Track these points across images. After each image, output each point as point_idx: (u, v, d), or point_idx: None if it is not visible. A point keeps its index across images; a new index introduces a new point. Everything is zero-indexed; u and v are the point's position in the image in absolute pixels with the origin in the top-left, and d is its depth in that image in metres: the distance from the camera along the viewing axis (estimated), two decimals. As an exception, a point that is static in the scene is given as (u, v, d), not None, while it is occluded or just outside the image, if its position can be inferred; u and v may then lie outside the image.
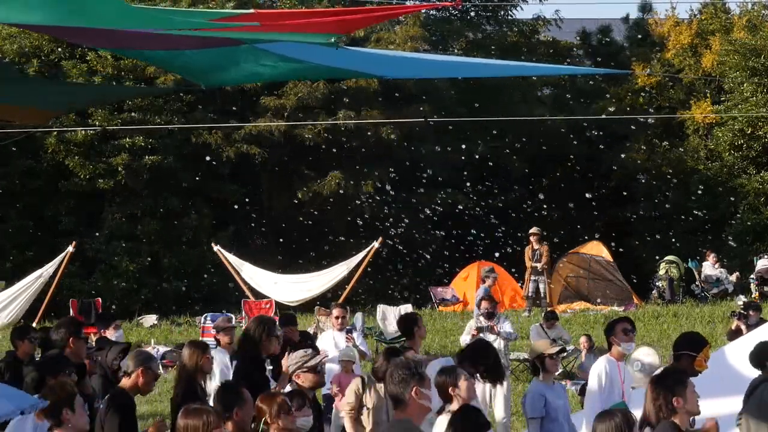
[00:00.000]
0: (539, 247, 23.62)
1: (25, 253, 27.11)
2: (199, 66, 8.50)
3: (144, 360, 8.02)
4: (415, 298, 25.09)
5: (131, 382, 7.93)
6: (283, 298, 22.52)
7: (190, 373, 8.54)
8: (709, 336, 19.38)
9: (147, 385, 7.99)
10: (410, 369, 6.07)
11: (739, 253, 29.36)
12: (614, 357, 9.24)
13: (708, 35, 33.56)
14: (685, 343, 8.05)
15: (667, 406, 6.40)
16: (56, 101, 11.06)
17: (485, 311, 14.35)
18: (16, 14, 6.95)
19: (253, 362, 8.87)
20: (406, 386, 6.00)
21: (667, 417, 6.43)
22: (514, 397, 14.38)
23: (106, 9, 6.72)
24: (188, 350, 8.74)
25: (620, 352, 9.23)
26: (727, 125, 31.20)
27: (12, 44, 27.91)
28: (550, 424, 8.94)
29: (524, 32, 35.26)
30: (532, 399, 8.93)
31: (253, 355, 8.91)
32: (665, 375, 6.66)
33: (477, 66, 11.65)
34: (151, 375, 7.99)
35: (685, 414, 6.43)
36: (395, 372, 6.08)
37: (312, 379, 8.25)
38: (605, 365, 9.13)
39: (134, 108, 27.72)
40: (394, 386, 6.04)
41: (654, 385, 6.54)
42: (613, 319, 9.91)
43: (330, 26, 7.05)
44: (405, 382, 6.01)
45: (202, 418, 6.08)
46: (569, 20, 36.41)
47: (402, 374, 6.04)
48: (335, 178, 28.23)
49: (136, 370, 7.89)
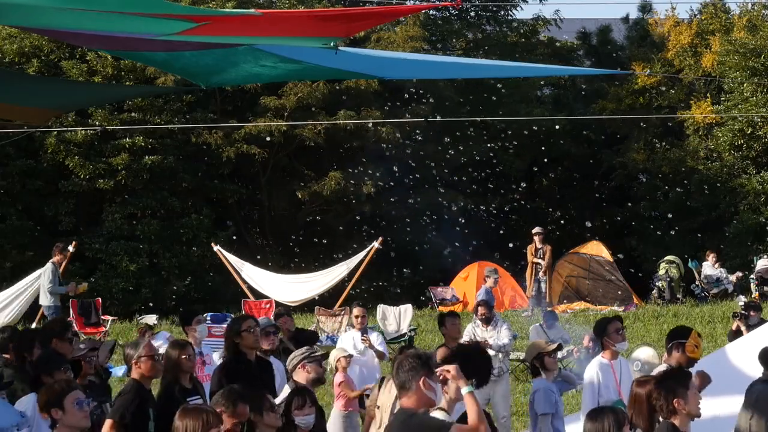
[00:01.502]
0: (542, 246, 23.61)
1: (25, 253, 27.11)
2: (199, 67, 8.50)
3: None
4: (415, 298, 25.07)
5: (137, 371, 8.11)
6: (283, 298, 22.49)
7: (170, 373, 8.58)
8: (709, 336, 19.48)
9: (150, 371, 8.14)
10: (421, 359, 6.09)
11: (739, 253, 29.36)
12: (607, 357, 9.25)
13: (708, 35, 33.55)
14: (672, 336, 8.11)
15: (668, 406, 6.40)
16: (56, 101, 11.06)
17: (482, 317, 13.92)
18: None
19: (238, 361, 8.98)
20: (414, 375, 6.02)
21: (667, 417, 6.44)
22: (513, 397, 14.39)
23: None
24: (169, 349, 8.83)
25: (613, 351, 9.25)
26: (727, 125, 31.19)
27: (12, 44, 27.91)
28: (557, 421, 8.97)
29: (524, 32, 35.26)
30: (545, 394, 8.94)
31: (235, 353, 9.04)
32: (667, 375, 6.66)
33: (477, 67, 11.65)
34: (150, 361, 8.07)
35: (685, 416, 6.43)
36: (405, 360, 6.10)
37: (312, 375, 8.27)
38: (597, 369, 9.15)
39: (134, 108, 27.72)
40: (403, 374, 6.06)
41: (655, 385, 6.55)
42: (603, 319, 9.87)
43: (329, 30, 7.05)
44: (414, 370, 6.02)
45: (200, 418, 6.08)
46: (569, 20, 36.43)
47: (412, 363, 6.05)
48: (335, 178, 28.22)
49: (138, 360, 8.06)
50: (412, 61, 10.20)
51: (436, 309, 24.55)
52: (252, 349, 9.11)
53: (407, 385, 6.03)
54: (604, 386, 9.09)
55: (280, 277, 23.69)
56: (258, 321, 9.69)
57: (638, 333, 20.65)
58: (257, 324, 9.35)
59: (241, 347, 9.02)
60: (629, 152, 32.91)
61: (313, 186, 28.54)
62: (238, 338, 9.02)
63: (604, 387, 9.09)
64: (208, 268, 26.94)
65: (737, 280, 25.88)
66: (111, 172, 27.39)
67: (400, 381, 6.09)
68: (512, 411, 13.96)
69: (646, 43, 35.57)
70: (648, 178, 33.33)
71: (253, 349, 9.12)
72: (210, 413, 6.18)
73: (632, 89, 33.69)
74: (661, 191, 32.31)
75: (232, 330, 9.08)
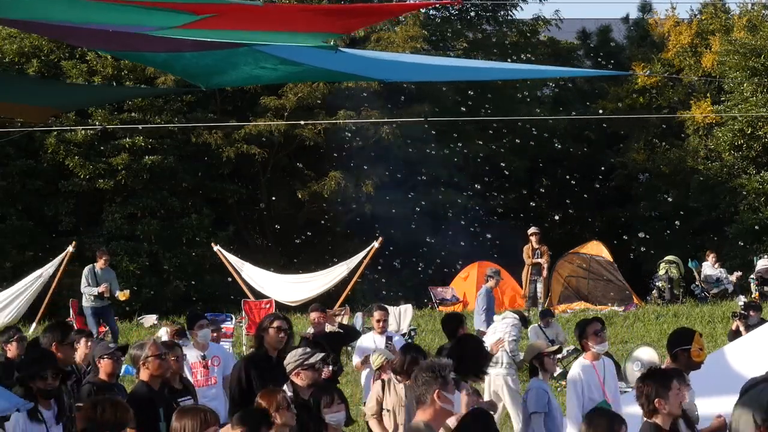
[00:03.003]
0: (539, 246, 23.59)
1: (25, 253, 27.12)
2: (199, 68, 8.49)
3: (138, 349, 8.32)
4: (415, 298, 25.08)
5: (146, 372, 8.17)
6: (283, 298, 22.48)
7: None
8: (709, 336, 19.48)
9: (158, 370, 8.20)
10: (434, 372, 6.12)
11: (739, 253, 29.37)
12: (588, 359, 9.28)
13: (708, 35, 33.57)
14: (675, 341, 8.09)
15: (649, 406, 6.46)
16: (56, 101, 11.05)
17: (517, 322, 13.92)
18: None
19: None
20: (428, 388, 6.07)
21: (648, 417, 6.49)
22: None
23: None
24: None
25: (594, 353, 9.27)
26: (727, 125, 31.21)
27: (12, 44, 27.93)
28: (551, 421, 9.00)
29: (524, 32, 35.26)
30: (537, 394, 9.01)
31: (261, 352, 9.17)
32: (650, 375, 6.69)
33: (478, 70, 11.63)
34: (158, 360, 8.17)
35: (666, 415, 6.47)
36: (420, 374, 6.16)
37: (306, 383, 8.22)
38: (579, 372, 9.18)
39: (134, 108, 27.74)
40: (418, 388, 6.13)
41: (639, 384, 6.60)
42: (582, 321, 9.86)
43: (330, 26, 7.05)
44: (428, 384, 6.07)
45: (198, 417, 6.09)
46: (569, 20, 36.44)
47: (426, 377, 6.10)
48: (335, 178, 28.22)
49: (145, 360, 8.15)
50: (413, 63, 10.18)
51: (436, 309, 24.56)
52: (273, 348, 9.16)
53: (423, 398, 6.10)
54: (587, 386, 9.13)
55: (280, 277, 23.68)
56: (290, 323, 9.72)
57: (638, 333, 20.66)
58: (289, 326, 9.40)
59: (265, 343, 9.13)
60: (629, 152, 32.93)
61: (313, 186, 28.55)
62: (264, 333, 9.13)
63: (587, 387, 9.13)
64: (208, 268, 26.94)
65: (737, 280, 25.89)
66: (111, 172, 27.41)
67: (416, 395, 6.18)
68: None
69: (646, 43, 35.60)
70: (648, 178, 33.34)
71: (274, 348, 9.17)
72: (207, 412, 6.19)
73: (632, 89, 33.71)
74: (661, 191, 32.32)
75: (262, 325, 9.24)
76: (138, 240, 27.41)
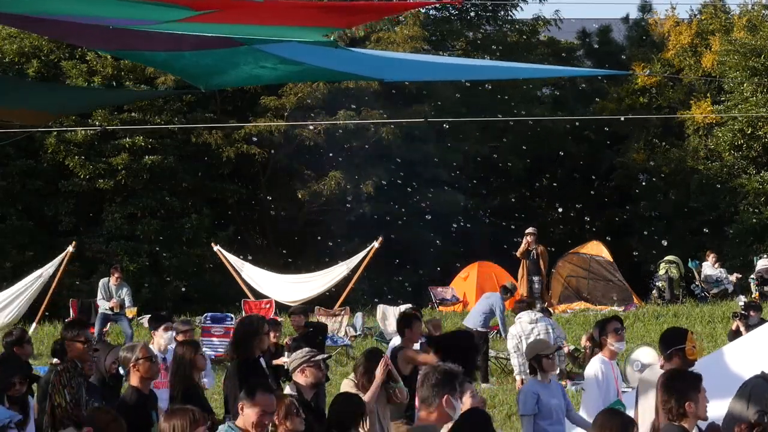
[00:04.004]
0: (536, 246, 23.54)
1: (25, 253, 27.11)
2: (199, 68, 8.48)
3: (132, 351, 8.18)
4: (415, 298, 25.08)
5: (136, 375, 8.05)
6: (283, 298, 22.51)
7: (186, 372, 8.57)
8: (709, 336, 19.49)
9: (148, 372, 8.08)
10: (447, 376, 6.08)
11: (739, 253, 29.37)
12: (607, 357, 9.31)
13: (708, 35, 33.57)
14: (669, 341, 8.09)
15: (679, 409, 6.37)
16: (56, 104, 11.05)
17: None
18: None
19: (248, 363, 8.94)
20: (438, 391, 6.03)
21: (675, 420, 6.40)
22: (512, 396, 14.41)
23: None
24: (181, 349, 8.78)
25: (613, 351, 9.30)
26: (727, 125, 31.21)
27: (12, 44, 27.92)
28: (542, 422, 9.01)
29: (524, 32, 35.26)
30: (525, 396, 9.07)
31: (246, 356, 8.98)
32: (677, 377, 6.62)
33: (477, 69, 11.62)
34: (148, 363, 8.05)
35: (693, 419, 6.41)
36: (432, 374, 6.10)
37: (311, 380, 8.27)
38: (600, 365, 9.19)
39: (134, 108, 27.73)
40: (427, 388, 6.06)
41: (666, 387, 6.50)
42: (602, 319, 9.93)
43: (331, 21, 7.04)
44: (438, 387, 6.04)
45: (187, 417, 6.08)
46: (569, 20, 36.45)
47: (437, 378, 6.06)
48: (335, 178, 28.22)
49: (136, 363, 8.00)
50: (413, 62, 10.17)
51: (436, 309, 24.57)
52: (262, 351, 9.12)
53: (429, 400, 6.05)
54: (606, 384, 9.14)
55: (280, 277, 23.70)
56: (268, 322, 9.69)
57: (638, 333, 20.65)
58: (271, 326, 9.37)
59: (254, 348, 8.89)
60: (629, 152, 32.92)
61: (313, 186, 28.54)
62: (257, 339, 8.85)
63: (606, 385, 9.13)
64: (208, 268, 26.93)
65: (737, 280, 25.89)
66: (111, 172, 27.40)
67: (422, 395, 6.12)
68: (512, 411, 13.97)
69: (646, 43, 35.60)
70: (648, 178, 33.33)
71: (262, 351, 9.14)
72: (196, 411, 6.18)
73: (632, 89, 33.71)
74: (661, 191, 32.32)
75: (251, 330, 8.89)
76: (138, 240, 27.41)
